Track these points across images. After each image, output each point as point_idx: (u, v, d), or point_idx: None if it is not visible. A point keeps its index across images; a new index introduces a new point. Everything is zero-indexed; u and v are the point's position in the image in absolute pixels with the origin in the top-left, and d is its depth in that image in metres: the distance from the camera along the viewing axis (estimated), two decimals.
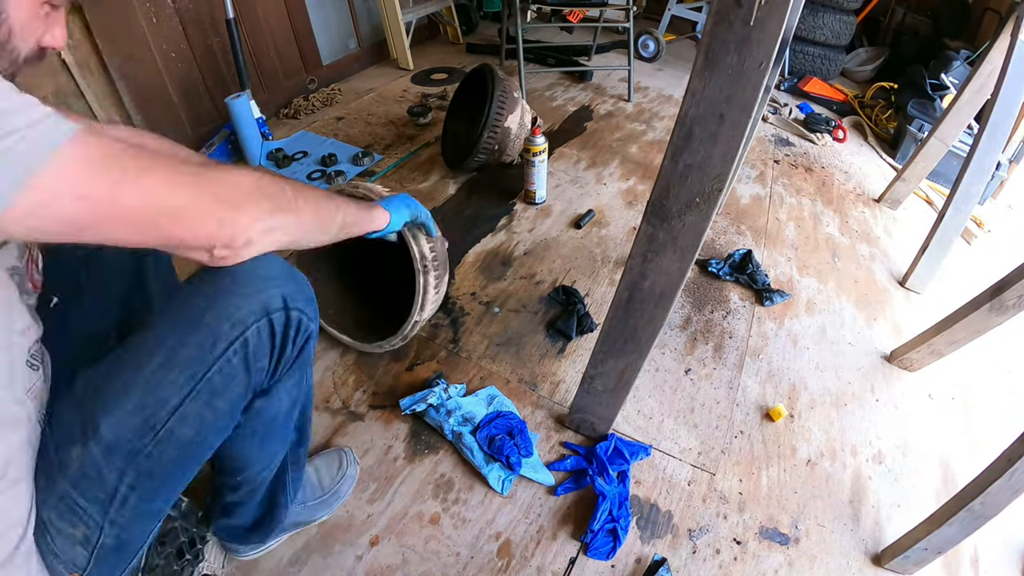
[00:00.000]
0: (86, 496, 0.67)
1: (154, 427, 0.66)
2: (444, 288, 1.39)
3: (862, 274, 2.00)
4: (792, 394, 1.52)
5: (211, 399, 0.69)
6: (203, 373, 0.67)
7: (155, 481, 0.70)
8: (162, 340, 0.67)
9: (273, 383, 0.78)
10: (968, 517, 1.03)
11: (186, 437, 0.69)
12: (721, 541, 1.20)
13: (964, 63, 2.86)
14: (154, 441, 0.67)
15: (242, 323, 0.68)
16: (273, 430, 0.86)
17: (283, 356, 0.74)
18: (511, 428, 1.31)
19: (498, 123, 2.02)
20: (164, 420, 0.66)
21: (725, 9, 0.69)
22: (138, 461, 0.67)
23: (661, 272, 0.98)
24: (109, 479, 0.67)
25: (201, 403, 0.68)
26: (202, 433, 0.71)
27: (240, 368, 0.70)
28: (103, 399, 0.65)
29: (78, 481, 0.66)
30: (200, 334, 0.67)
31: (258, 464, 0.91)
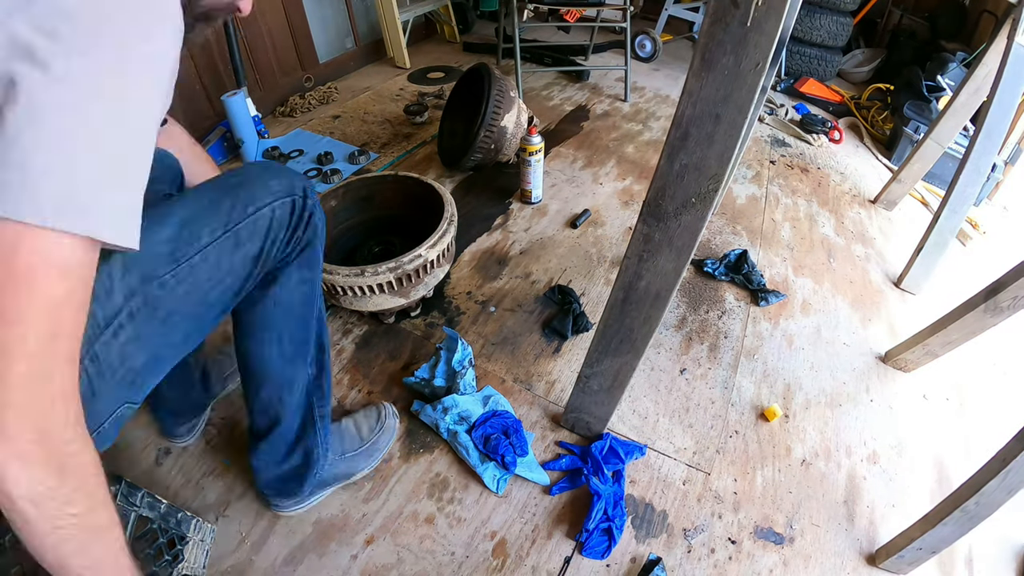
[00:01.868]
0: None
1: (178, 259, 0.71)
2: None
3: (857, 275, 2.00)
4: (787, 394, 1.53)
5: (233, 249, 0.77)
6: (234, 223, 0.76)
7: (152, 319, 0.70)
8: (203, 194, 0.77)
9: (281, 265, 0.87)
10: (963, 517, 1.03)
11: (199, 279, 0.74)
12: (716, 540, 1.20)
13: (960, 65, 2.87)
14: (173, 271, 0.71)
15: (273, 194, 0.80)
16: (288, 329, 0.94)
17: (294, 235, 0.85)
18: (506, 427, 1.31)
19: (494, 122, 2.01)
20: (189, 255, 0.72)
21: (722, 10, 0.69)
22: (150, 287, 0.69)
23: (657, 272, 0.98)
24: (116, 297, 0.66)
25: (224, 249, 0.76)
26: (213, 281, 0.76)
27: (263, 230, 0.79)
28: (143, 220, 0.63)
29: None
30: (240, 195, 0.77)
31: (279, 378, 0.97)
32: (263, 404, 1.00)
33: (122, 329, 0.68)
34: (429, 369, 1.44)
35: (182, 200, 0.75)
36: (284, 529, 1.15)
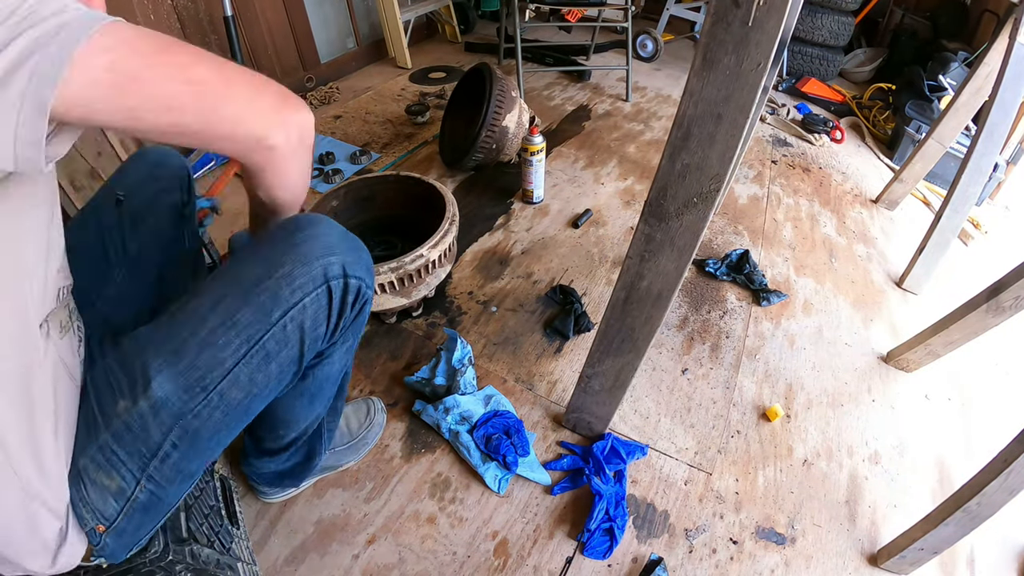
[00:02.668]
0: (127, 449, 0.67)
1: (206, 388, 0.67)
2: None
3: (859, 275, 2.00)
4: (789, 394, 1.53)
5: (264, 363, 0.70)
6: (259, 337, 0.68)
7: (198, 442, 0.71)
8: (220, 303, 0.67)
9: (329, 348, 0.81)
10: (964, 517, 1.03)
11: (235, 400, 0.70)
12: (717, 541, 1.20)
13: (962, 64, 2.86)
14: (204, 402, 0.68)
15: (301, 290, 0.68)
16: (323, 391, 0.91)
17: (340, 322, 0.76)
18: (508, 427, 1.31)
19: (496, 122, 2.01)
20: (216, 382, 0.67)
21: (723, 9, 0.69)
22: (186, 421, 0.68)
23: (658, 272, 0.98)
24: (154, 436, 0.67)
25: (254, 366, 0.69)
26: (250, 396, 0.72)
27: (294, 335, 0.71)
28: (156, 357, 0.66)
29: (121, 435, 0.66)
30: (259, 299, 0.67)
31: (304, 422, 0.96)
32: (278, 437, 0.99)
33: (168, 457, 0.70)
34: (430, 369, 1.44)
35: (197, 311, 0.68)
36: (285, 529, 1.15)
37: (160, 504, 0.74)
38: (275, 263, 0.68)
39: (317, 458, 1.10)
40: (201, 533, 0.91)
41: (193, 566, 0.85)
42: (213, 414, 0.70)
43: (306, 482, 1.20)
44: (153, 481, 0.70)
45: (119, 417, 0.66)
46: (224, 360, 0.67)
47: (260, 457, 1.05)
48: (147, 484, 0.70)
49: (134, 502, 0.70)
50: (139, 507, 0.71)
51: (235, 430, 0.77)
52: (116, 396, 0.67)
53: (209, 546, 0.92)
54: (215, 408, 0.69)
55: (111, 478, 0.68)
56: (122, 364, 0.68)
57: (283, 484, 1.14)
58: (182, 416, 0.68)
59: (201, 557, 0.88)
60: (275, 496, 1.17)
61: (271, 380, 0.73)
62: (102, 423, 0.67)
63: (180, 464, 0.71)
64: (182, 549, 0.84)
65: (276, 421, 0.93)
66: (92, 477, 0.67)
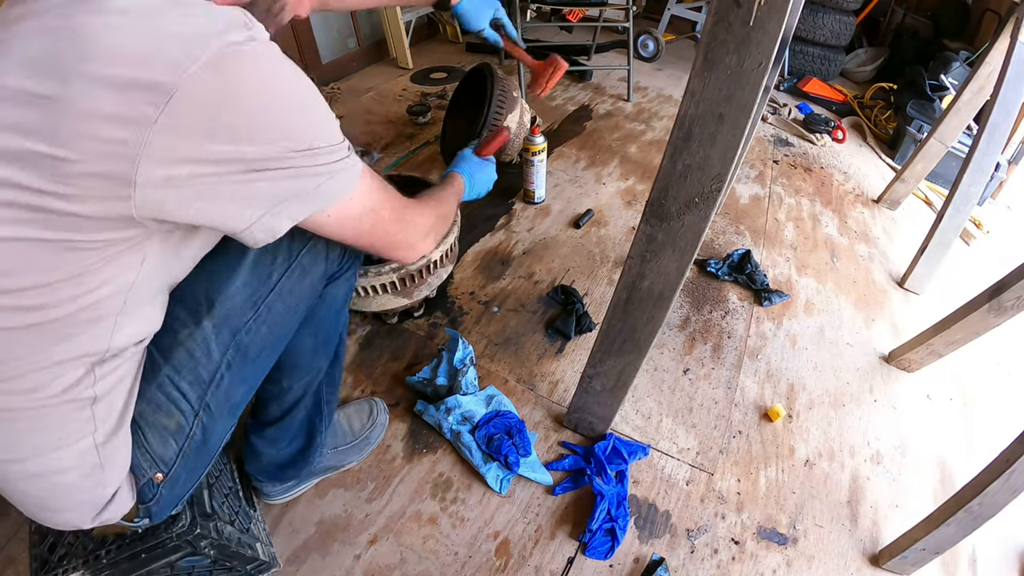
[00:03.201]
0: (188, 378, 0.74)
1: (256, 302, 0.78)
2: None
3: (861, 275, 2.00)
4: (790, 394, 1.52)
5: (301, 277, 0.82)
6: (297, 252, 0.80)
7: (246, 362, 0.80)
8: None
9: (340, 273, 0.91)
10: (966, 517, 1.03)
11: (278, 314, 0.81)
12: (719, 541, 1.20)
13: (963, 64, 2.86)
14: (255, 315, 0.78)
15: None
16: (326, 321, 0.97)
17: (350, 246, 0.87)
18: (510, 427, 1.31)
19: (497, 122, 2.01)
20: (265, 295, 0.78)
21: (724, 9, 0.69)
22: (240, 336, 0.77)
23: (660, 272, 0.98)
24: (215, 355, 0.75)
25: (294, 280, 0.81)
26: (289, 310, 0.82)
27: (322, 251, 0.83)
28: (215, 282, 0.75)
29: (182, 363, 0.74)
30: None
31: (308, 367, 1.00)
32: (282, 392, 1.01)
33: (223, 378, 0.78)
34: (431, 370, 1.44)
35: (238, 244, 0.75)
36: (287, 529, 1.15)
37: (208, 444, 0.80)
38: None
39: (317, 438, 1.10)
40: (223, 511, 0.94)
41: (217, 541, 0.87)
42: (261, 328, 0.79)
43: (309, 481, 1.20)
44: (208, 411, 0.77)
45: (182, 345, 0.73)
46: (271, 274, 0.78)
47: (262, 433, 1.05)
48: (203, 415, 0.76)
49: (191, 439, 0.76)
50: (194, 447, 0.77)
51: (274, 351, 0.86)
52: (177, 329, 0.74)
53: (231, 524, 0.94)
54: (263, 322, 0.79)
55: (171, 415, 0.74)
56: (180, 301, 0.74)
57: (286, 477, 1.14)
58: (237, 332, 0.76)
59: (224, 533, 0.90)
60: (279, 496, 1.16)
61: (304, 295, 0.84)
62: (160, 360, 0.73)
63: (231, 390, 0.79)
64: (207, 524, 0.86)
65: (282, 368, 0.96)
66: (150, 420, 0.72)
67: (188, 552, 0.84)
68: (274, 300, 0.79)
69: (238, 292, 0.76)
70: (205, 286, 0.75)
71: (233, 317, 0.76)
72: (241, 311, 0.76)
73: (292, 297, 0.82)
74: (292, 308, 0.83)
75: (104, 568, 0.79)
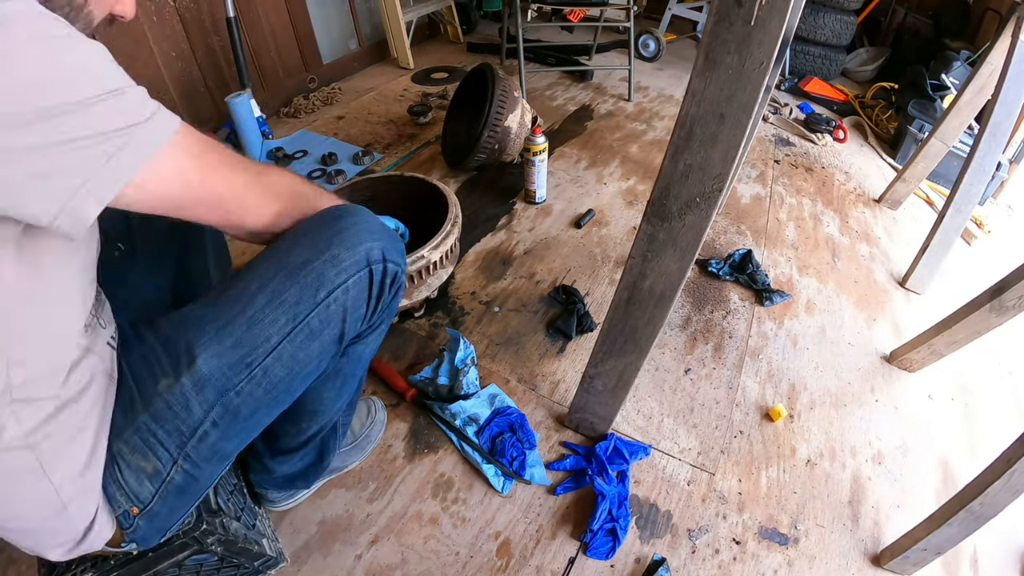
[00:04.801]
0: (166, 428, 0.69)
1: (250, 364, 0.70)
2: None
3: (862, 274, 2.00)
4: (792, 394, 1.52)
5: (307, 341, 0.73)
6: (304, 316, 0.71)
7: (238, 421, 0.73)
8: (267, 283, 0.70)
9: (367, 331, 0.83)
10: (968, 518, 1.03)
11: (277, 378, 0.73)
12: (720, 541, 1.20)
13: (965, 63, 2.86)
14: (248, 378, 0.70)
15: (345, 272, 0.72)
16: (353, 375, 0.92)
17: (379, 304, 0.80)
18: (511, 423, 1.32)
19: (498, 122, 2.01)
20: (261, 359, 0.70)
21: (726, 9, 0.69)
22: (228, 398, 0.70)
23: (661, 272, 0.98)
24: (196, 413, 0.69)
25: (297, 344, 0.72)
26: (292, 375, 0.75)
27: (337, 314, 0.74)
28: (201, 334, 0.68)
29: (161, 413, 0.68)
30: (305, 279, 0.70)
31: (328, 413, 0.96)
32: (299, 432, 0.98)
33: (208, 435, 0.71)
34: (433, 369, 1.44)
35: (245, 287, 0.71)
36: (289, 529, 1.15)
37: (194, 486, 0.75)
38: (321, 247, 0.71)
39: (329, 456, 1.10)
40: (229, 507, 0.93)
41: (224, 537, 0.86)
42: (255, 391, 0.72)
43: (315, 484, 1.20)
44: (190, 461, 0.71)
45: (160, 396, 0.68)
46: (270, 337, 0.70)
47: (274, 458, 1.04)
48: (184, 464, 0.71)
49: (169, 483, 0.71)
50: (174, 489, 0.72)
51: (274, 411, 0.79)
52: (157, 376, 0.68)
53: (237, 520, 0.94)
54: (257, 385, 0.72)
55: (147, 460, 0.69)
56: (164, 344, 0.70)
57: (294, 487, 1.13)
58: (225, 392, 0.70)
59: (231, 529, 0.89)
60: (282, 503, 1.15)
61: (312, 359, 0.76)
62: (140, 405, 0.68)
63: (217, 444, 0.73)
64: (214, 521, 0.85)
65: (302, 412, 0.93)
66: (127, 460, 0.68)
67: (195, 550, 0.83)
68: (272, 364, 0.72)
69: (228, 352, 0.69)
70: (191, 335, 0.69)
71: (219, 378, 0.69)
72: (230, 372, 0.69)
73: (295, 362, 0.74)
74: (295, 372, 0.75)
75: (112, 570, 0.78)
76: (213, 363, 0.68)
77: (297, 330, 0.72)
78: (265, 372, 0.72)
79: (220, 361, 0.68)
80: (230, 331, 0.69)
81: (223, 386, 0.69)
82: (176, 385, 0.68)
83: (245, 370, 0.70)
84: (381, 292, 0.78)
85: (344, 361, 0.86)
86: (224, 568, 0.95)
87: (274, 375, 0.73)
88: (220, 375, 0.69)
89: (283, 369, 0.73)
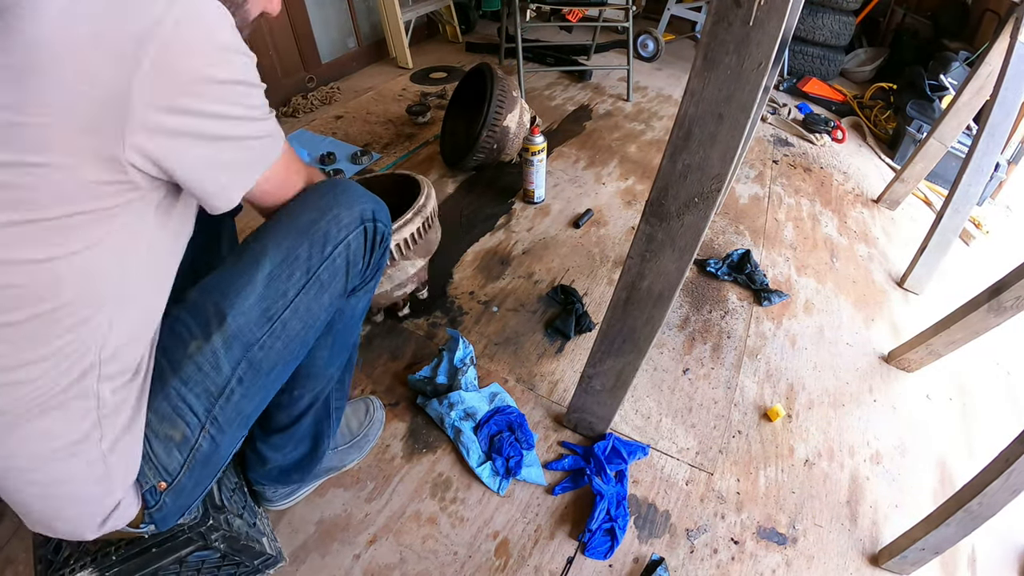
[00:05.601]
0: (196, 391, 0.74)
1: (271, 318, 0.77)
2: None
3: (860, 275, 2.00)
4: (790, 394, 1.52)
5: (319, 293, 0.81)
6: (315, 269, 0.79)
7: (259, 377, 0.79)
8: (281, 243, 0.77)
9: (359, 286, 0.90)
10: (966, 517, 1.03)
11: (294, 331, 0.80)
12: (719, 541, 1.20)
13: (963, 64, 2.86)
14: (269, 331, 0.77)
15: (346, 228, 0.81)
16: (344, 334, 0.96)
17: (371, 260, 0.87)
18: (511, 422, 1.32)
19: (497, 122, 2.01)
20: (280, 311, 0.77)
21: (724, 9, 0.69)
22: (252, 352, 0.76)
23: (659, 272, 0.98)
24: (225, 369, 0.75)
25: (311, 296, 0.80)
26: (306, 327, 0.82)
27: (342, 267, 0.82)
28: (228, 294, 0.74)
29: (191, 376, 0.73)
30: (314, 237, 0.78)
31: (322, 377, 0.99)
32: (292, 401, 1.00)
33: (233, 393, 0.77)
34: (431, 369, 1.44)
35: (261, 249, 0.77)
36: (287, 529, 1.15)
37: (217, 455, 0.79)
38: (324, 208, 0.80)
39: (324, 443, 1.10)
40: (232, 505, 0.94)
41: (228, 534, 0.88)
42: (275, 344, 0.78)
43: (310, 484, 1.19)
44: (216, 424, 0.76)
45: (190, 358, 0.73)
46: (287, 291, 0.77)
47: (268, 440, 1.04)
48: (210, 428, 0.76)
49: (197, 451, 0.76)
50: (201, 458, 0.76)
51: (289, 366, 0.85)
52: (187, 340, 0.73)
53: (239, 517, 0.95)
54: (277, 338, 0.78)
55: (176, 427, 0.73)
56: (192, 311, 0.75)
57: (290, 482, 1.13)
58: (250, 347, 0.76)
59: (234, 526, 0.91)
60: (281, 502, 1.15)
61: (322, 311, 0.83)
62: (169, 371, 0.72)
63: (240, 404, 0.78)
64: (219, 516, 0.87)
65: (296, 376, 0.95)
66: (156, 430, 0.72)
67: (199, 546, 0.84)
68: (290, 316, 0.78)
69: (252, 308, 0.75)
70: (217, 297, 0.74)
71: (245, 333, 0.75)
72: (254, 327, 0.75)
73: (309, 314, 0.81)
74: (309, 324, 0.82)
75: (114, 564, 0.78)
76: (241, 319, 0.74)
77: (310, 283, 0.79)
78: (284, 325, 0.78)
79: (247, 317, 0.75)
80: (253, 288, 0.75)
81: (248, 340, 0.75)
82: (207, 345, 0.73)
83: (267, 324, 0.76)
84: (374, 247, 0.86)
85: (336, 317, 0.91)
86: (224, 566, 0.95)
87: (292, 328, 0.79)
88: (247, 330, 0.75)
89: (299, 322, 0.80)
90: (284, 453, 1.07)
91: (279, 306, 0.77)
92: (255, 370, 0.78)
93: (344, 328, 0.95)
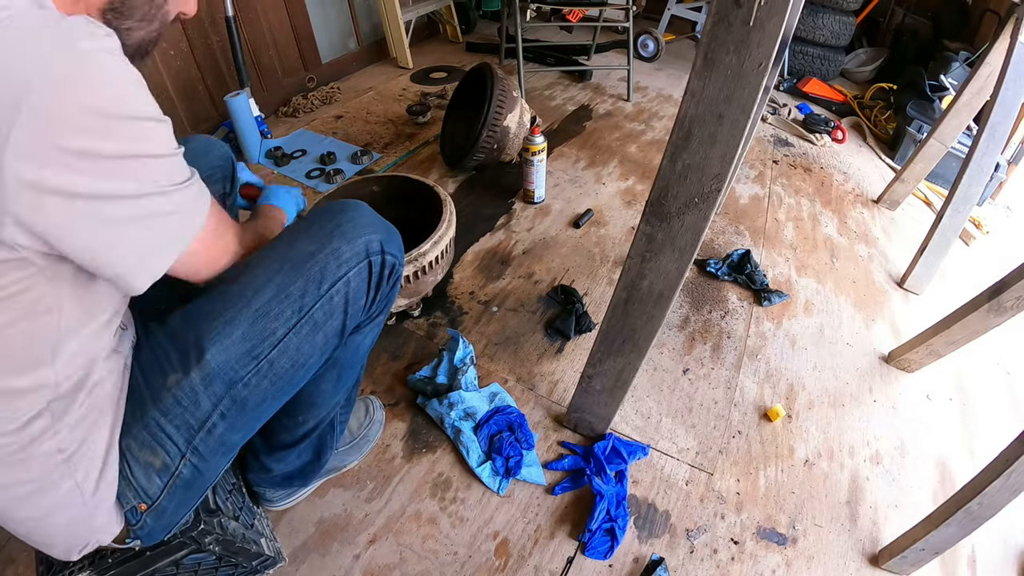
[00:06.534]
0: (175, 423, 0.70)
1: (257, 357, 0.72)
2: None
3: (860, 275, 2.00)
4: (790, 394, 1.52)
5: (312, 333, 0.75)
6: (309, 307, 0.73)
7: (244, 412, 0.75)
8: (273, 276, 0.72)
9: (365, 321, 0.85)
10: (966, 518, 1.03)
11: (283, 369, 0.75)
12: (719, 541, 1.20)
13: (963, 64, 2.86)
14: (255, 370, 0.72)
15: (347, 264, 0.75)
16: (351, 367, 0.93)
17: (378, 295, 0.82)
18: (511, 423, 1.32)
19: (497, 122, 2.01)
20: (267, 351, 0.72)
21: (724, 9, 0.69)
22: (236, 390, 0.72)
23: (659, 272, 0.98)
24: (204, 406, 0.71)
25: (303, 336, 0.74)
26: (296, 366, 0.77)
27: (340, 305, 0.77)
28: (209, 329, 0.70)
29: (170, 408, 0.70)
30: (310, 272, 0.73)
31: (325, 407, 0.97)
32: (296, 425, 0.98)
33: (216, 426, 0.73)
34: (432, 369, 1.44)
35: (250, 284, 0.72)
36: (287, 529, 1.15)
37: (200, 480, 0.76)
38: (323, 240, 0.74)
39: (327, 454, 1.10)
40: (227, 507, 0.94)
41: (222, 537, 0.87)
42: (262, 383, 0.73)
43: (310, 485, 1.19)
44: (197, 454, 0.73)
45: (169, 391, 0.69)
46: (276, 329, 0.72)
47: (271, 454, 1.03)
48: (191, 457, 0.72)
49: (177, 477, 0.72)
50: (181, 483, 0.73)
51: (279, 401, 0.80)
52: (167, 371, 0.70)
53: (235, 520, 0.94)
54: (264, 376, 0.73)
55: (156, 455, 0.71)
56: (172, 340, 0.71)
57: (291, 486, 1.13)
58: (233, 385, 0.71)
59: (229, 529, 0.90)
60: (280, 503, 1.15)
61: (316, 350, 0.78)
62: (149, 401, 0.69)
63: (224, 436, 0.75)
64: (212, 520, 0.86)
65: (300, 404, 0.93)
66: (136, 455, 0.70)
67: (193, 549, 0.84)
68: (277, 356, 0.73)
69: (235, 345, 0.70)
70: (200, 331, 0.70)
71: (227, 371, 0.70)
72: (237, 365, 0.71)
73: (299, 353, 0.76)
74: (299, 363, 0.77)
75: (110, 568, 0.78)
76: (221, 357, 0.69)
77: (303, 322, 0.74)
78: (271, 364, 0.73)
79: (228, 354, 0.70)
80: (238, 324, 0.70)
81: (231, 379, 0.71)
82: (185, 380, 0.69)
83: (252, 362, 0.72)
84: (380, 283, 0.81)
85: (342, 351, 0.87)
86: (222, 567, 0.95)
87: (280, 367, 0.74)
88: (228, 368, 0.70)
89: (288, 361, 0.75)
90: (286, 463, 1.06)
91: (266, 345, 0.72)
92: (239, 406, 0.74)
93: (349, 362, 0.92)
